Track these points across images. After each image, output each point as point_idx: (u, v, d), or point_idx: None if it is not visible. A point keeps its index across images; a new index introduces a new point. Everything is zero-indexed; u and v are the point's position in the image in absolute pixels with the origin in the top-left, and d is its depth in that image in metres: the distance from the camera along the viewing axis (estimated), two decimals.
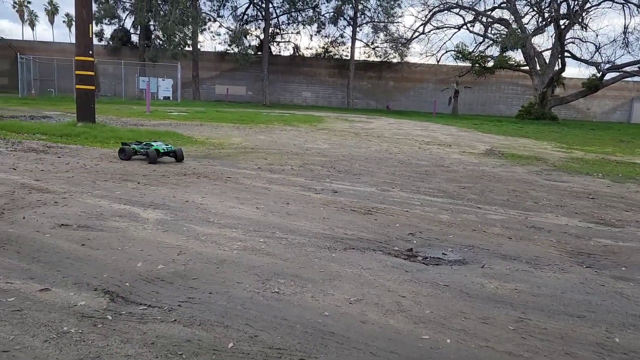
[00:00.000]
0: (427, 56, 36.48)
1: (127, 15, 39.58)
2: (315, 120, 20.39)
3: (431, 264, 3.48)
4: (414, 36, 35.64)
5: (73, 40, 73.33)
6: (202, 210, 4.58)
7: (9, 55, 39.61)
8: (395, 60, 40.27)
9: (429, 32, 35.43)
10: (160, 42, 36.89)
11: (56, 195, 4.85)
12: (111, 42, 39.78)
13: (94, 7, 38.35)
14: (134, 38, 40.96)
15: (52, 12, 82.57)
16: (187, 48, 35.98)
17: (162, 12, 35.16)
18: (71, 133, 10.12)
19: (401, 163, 8.79)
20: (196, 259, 3.30)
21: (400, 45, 37.92)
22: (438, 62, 37.11)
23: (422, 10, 35.80)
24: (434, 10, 34.19)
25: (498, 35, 33.68)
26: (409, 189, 6.26)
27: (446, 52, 36.28)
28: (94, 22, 37.75)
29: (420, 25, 35.16)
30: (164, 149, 7.33)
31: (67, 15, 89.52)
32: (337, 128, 17.20)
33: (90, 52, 11.41)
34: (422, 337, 2.41)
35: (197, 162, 7.56)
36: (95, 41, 40.58)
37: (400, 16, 39.27)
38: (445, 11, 33.93)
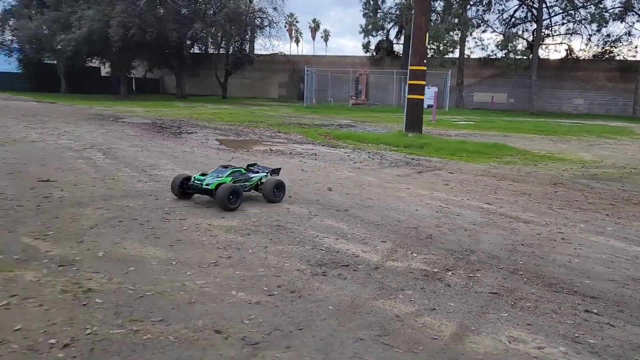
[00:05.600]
0: None
1: (391, 26, 40.83)
2: (625, 132, 17.30)
3: None
4: None
5: (331, 53, 79.88)
6: None
7: (287, 69, 44.70)
8: None
9: None
10: None
11: (544, 227, 4.15)
12: (375, 53, 41.52)
13: (363, 21, 40.52)
14: (396, 47, 42.11)
15: (314, 28, 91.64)
16: (451, 55, 35.30)
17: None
18: (413, 144, 9.97)
19: None
20: None
21: None
22: None
23: None
24: None
25: None
26: None
27: None
28: (363, 35, 39.75)
29: None
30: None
31: (325, 31, 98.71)
32: None
33: (425, 61, 11.19)
34: None
35: (609, 186, 6.34)
36: (361, 52, 43.18)
37: None
38: None
